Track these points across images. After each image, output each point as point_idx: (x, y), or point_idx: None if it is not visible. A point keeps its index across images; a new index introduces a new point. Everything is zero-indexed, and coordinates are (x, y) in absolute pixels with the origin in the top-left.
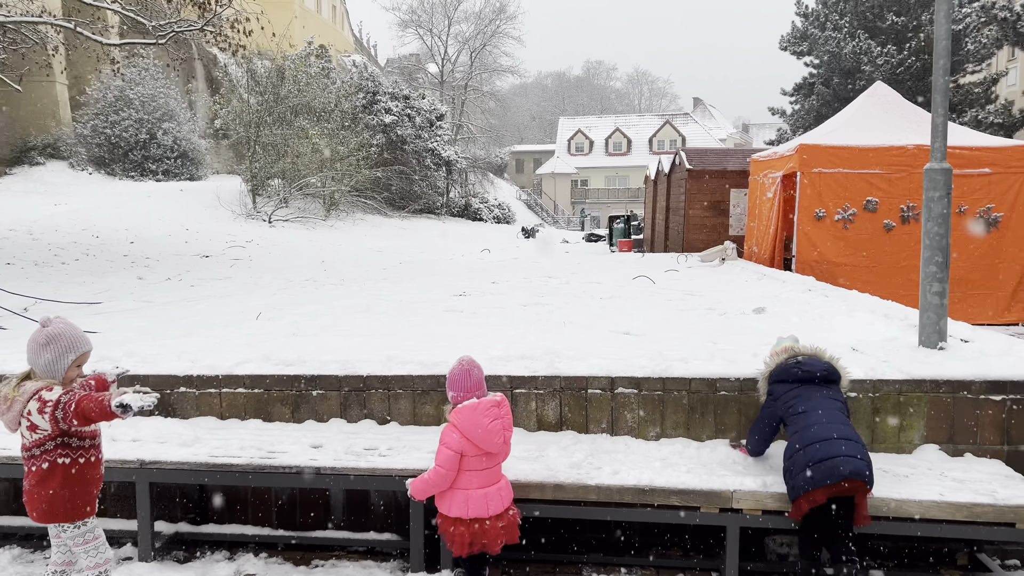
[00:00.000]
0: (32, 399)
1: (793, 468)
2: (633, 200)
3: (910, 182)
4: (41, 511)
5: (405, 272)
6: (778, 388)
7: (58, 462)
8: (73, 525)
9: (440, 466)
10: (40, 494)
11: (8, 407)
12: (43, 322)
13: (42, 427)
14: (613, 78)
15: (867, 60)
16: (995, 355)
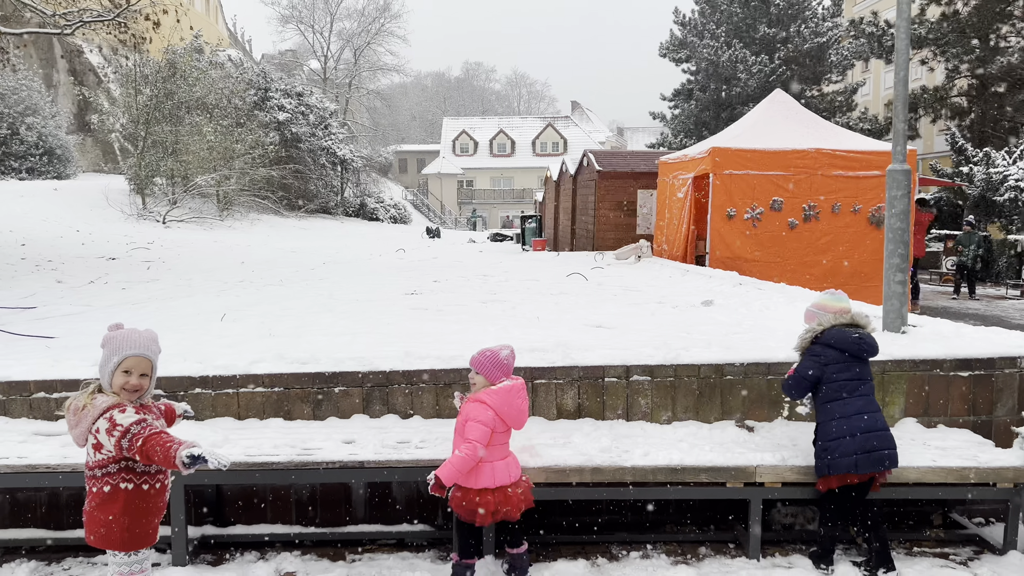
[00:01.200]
0: (102, 417)
1: (837, 450)
2: (519, 201)
3: (811, 183)
4: (98, 536)
5: (336, 272)
6: (830, 353)
7: (120, 487)
8: (124, 553)
9: (477, 440)
10: (99, 518)
11: (78, 420)
12: (111, 329)
13: (107, 448)
14: (492, 80)
15: (743, 68)
16: (952, 337)
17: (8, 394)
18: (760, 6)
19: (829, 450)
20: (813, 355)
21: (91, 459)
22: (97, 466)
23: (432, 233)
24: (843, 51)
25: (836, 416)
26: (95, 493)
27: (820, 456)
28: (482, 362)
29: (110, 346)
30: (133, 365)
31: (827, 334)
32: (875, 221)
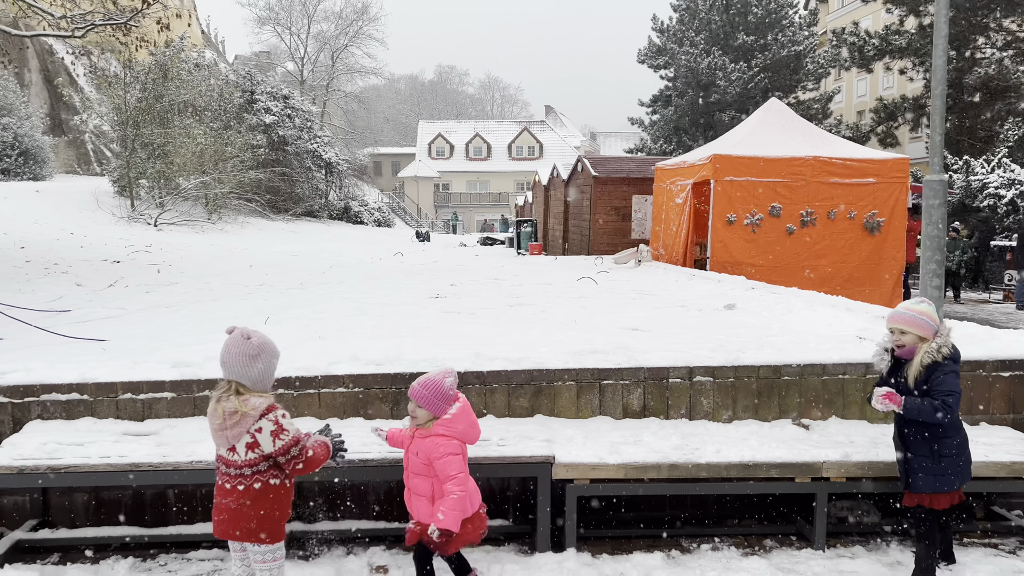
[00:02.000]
0: (265, 418)
1: (962, 461)
2: (495, 205)
3: (808, 190)
4: (247, 529)
5: (348, 276)
6: (955, 366)
7: (270, 483)
8: (271, 545)
9: (461, 473)
10: (251, 513)
11: (236, 422)
12: (243, 333)
13: (265, 449)
14: (466, 83)
15: (722, 75)
16: (987, 339)
17: (96, 395)
18: (739, 15)
19: (953, 463)
20: (957, 371)
21: (241, 458)
22: (247, 465)
23: (422, 237)
24: (819, 60)
25: (961, 429)
26: (244, 491)
27: (953, 472)
28: (426, 396)
29: (267, 352)
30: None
31: (954, 351)
32: (869, 227)
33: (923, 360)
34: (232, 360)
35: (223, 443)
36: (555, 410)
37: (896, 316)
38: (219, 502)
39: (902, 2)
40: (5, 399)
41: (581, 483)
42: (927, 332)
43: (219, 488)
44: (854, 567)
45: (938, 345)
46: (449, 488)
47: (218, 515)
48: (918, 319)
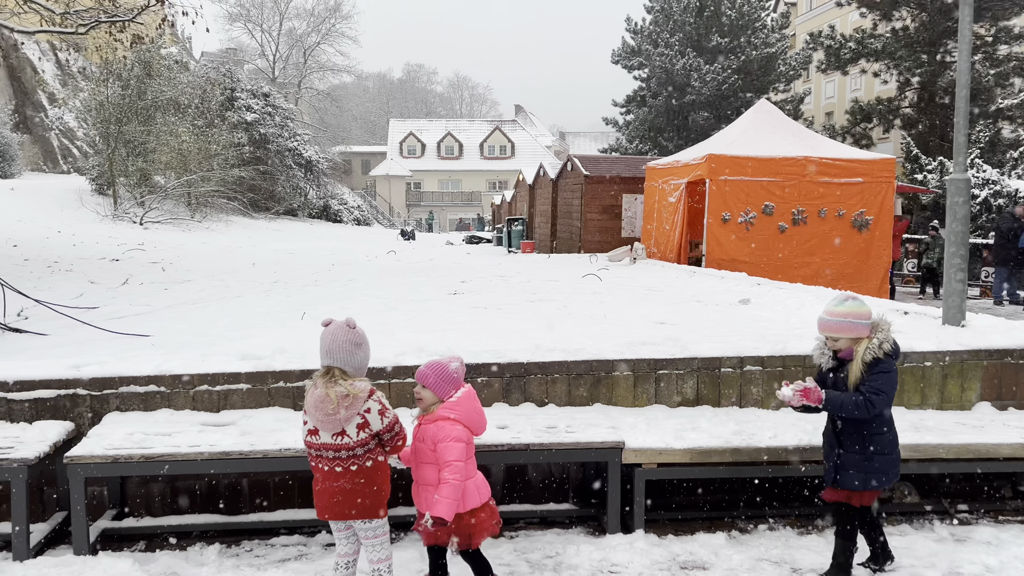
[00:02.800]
0: (371, 399)
1: (893, 458)
2: (467, 204)
3: (799, 189)
4: (361, 507)
5: (356, 273)
6: (893, 363)
7: (379, 460)
8: (381, 519)
9: (458, 460)
10: (365, 491)
11: (348, 404)
12: (348, 323)
13: (374, 428)
14: (434, 82)
15: (696, 76)
16: (1009, 329)
17: (172, 387)
18: (712, 17)
19: (886, 459)
20: (894, 369)
21: (353, 439)
22: (359, 444)
23: (407, 235)
24: (790, 62)
25: (892, 426)
26: (358, 470)
27: (883, 469)
28: (431, 377)
29: (367, 341)
30: None
31: (894, 347)
32: (858, 225)
33: (864, 357)
34: (338, 348)
35: (332, 427)
36: (613, 399)
37: (823, 324)
38: (329, 486)
39: (875, 6)
40: (85, 391)
41: (649, 467)
42: (859, 332)
43: (327, 473)
44: (906, 543)
45: (879, 341)
46: (446, 475)
47: (330, 498)
48: (844, 323)
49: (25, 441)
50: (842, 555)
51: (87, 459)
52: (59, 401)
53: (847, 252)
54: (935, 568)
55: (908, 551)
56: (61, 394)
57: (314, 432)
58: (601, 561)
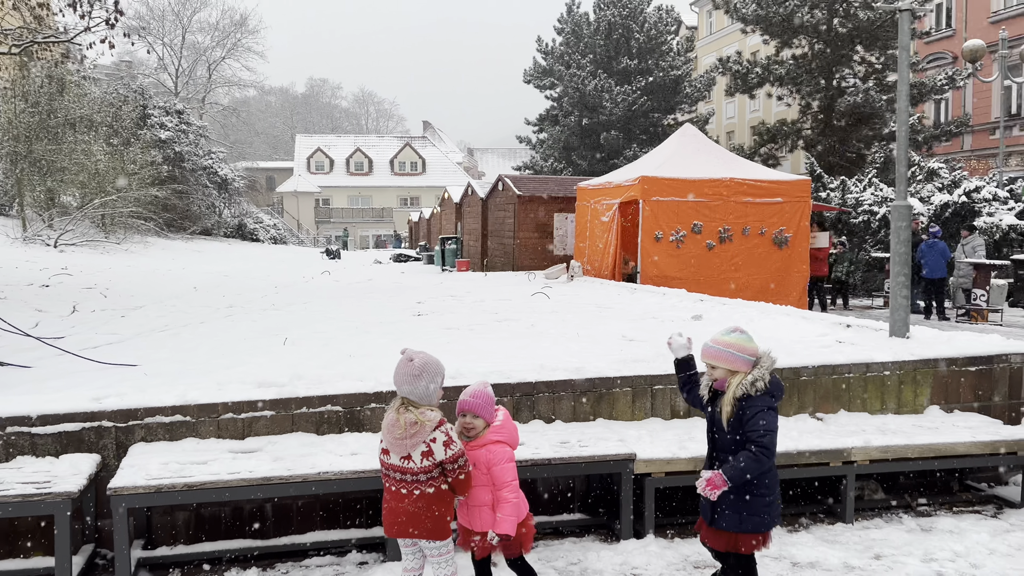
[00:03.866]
0: (438, 430)
1: (773, 502)
2: (378, 220)
3: (725, 209)
4: (425, 529)
5: (306, 296)
6: (770, 401)
7: (441, 488)
8: (445, 540)
9: (515, 480)
10: (431, 515)
11: (414, 432)
12: (408, 355)
13: (437, 457)
14: (339, 97)
15: (608, 97)
16: (949, 340)
17: (198, 416)
18: (621, 39)
19: (764, 501)
20: (774, 407)
21: (417, 465)
22: (423, 471)
23: (332, 255)
24: (696, 84)
25: (774, 468)
26: (420, 495)
27: (765, 510)
28: (480, 405)
29: (429, 372)
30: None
31: (771, 383)
32: (778, 242)
33: (735, 393)
34: (400, 379)
35: (400, 451)
36: (614, 414)
37: (704, 350)
38: (395, 506)
39: (776, 34)
40: (110, 423)
41: (658, 476)
42: (737, 365)
43: (394, 494)
44: (882, 535)
45: (753, 378)
46: (505, 495)
47: (395, 517)
48: (724, 352)
49: (59, 475)
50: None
51: (130, 490)
52: (83, 434)
53: (769, 267)
54: (912, 555)
55: (886, 542)
56: (86, 427)
57: (386, 452)
58: (622, 565)
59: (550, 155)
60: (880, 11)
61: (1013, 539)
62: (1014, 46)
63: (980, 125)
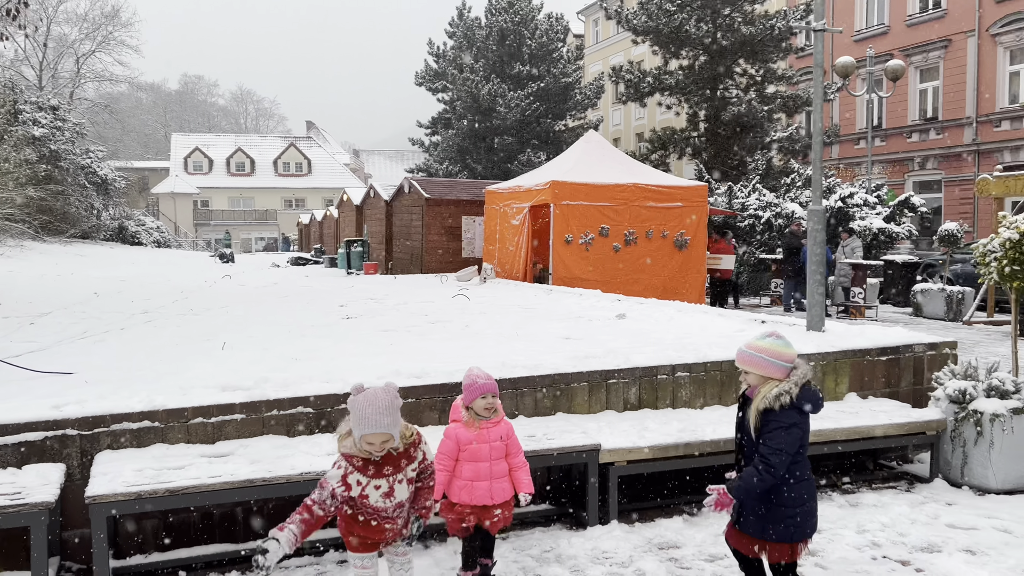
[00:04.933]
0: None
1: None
2: (261, 223)
3: (630, 213)
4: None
5: (222, 301)
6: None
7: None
8: None
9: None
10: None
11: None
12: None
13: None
14: (216, 95)
15: (502, 102)
16: (860, 333)
17: (167, 421)
18: (513, 45)
19: (809, 513)
20: (796, 423)
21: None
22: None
23: (226, 258)
24: (586, 91)
25: (806, 478)
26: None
27: (799, 522)
28: (496, 388)
29: (354, 417)
30: (373, 439)
31: (804, 393)
32: (679, 244)
33: (759, 405)
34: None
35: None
36: (572, 407)
37: (738, 354)
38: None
39: (664, 45)
40: (75, 432)
41: (620, 465)
42: (771, 372)
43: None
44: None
45: (779, 392)
46: (523, 459)
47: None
48: (758, 357)
49: (28, 485)
50: None
51: (110, 497)
52: (46, 443)
53: (671, 268)
54: (848, 528)
55: (823, 517)
56: (49, 436)
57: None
58: (593, 550)
59: (445, 158)
60: (760, 27)
61: (929, 509)
62: (879, 62)
63: (847, 135)
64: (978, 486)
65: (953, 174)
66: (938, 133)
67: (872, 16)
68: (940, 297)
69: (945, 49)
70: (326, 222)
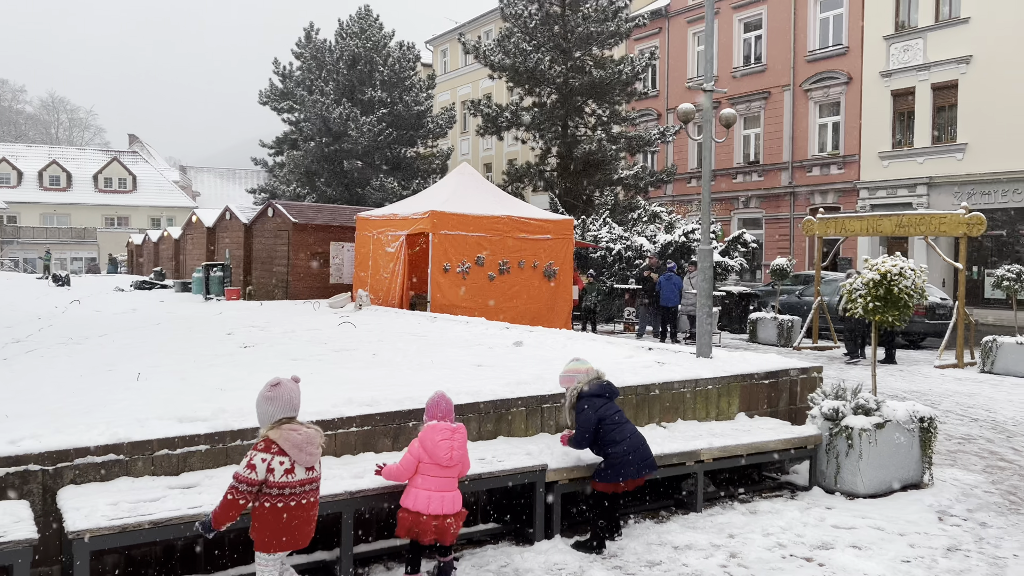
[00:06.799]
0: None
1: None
2: (79, 242)
3: (504, 244)
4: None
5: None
6: (596, 400)
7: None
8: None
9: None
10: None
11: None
12: (270, 382)
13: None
14: (22, 101)
15: (354, 126)
16: (741, 359)
17: (131, 454)
18: (365, 71)
19: (620, 464)
20: (585, 407)
21: (318, 473)
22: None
23: (61, 281)
24: (438, 120)
25: (618, 440)
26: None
27: (611, 469)
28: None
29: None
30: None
31: (590, 387)
32: (548, 275)
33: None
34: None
35: (311, 462)
36: (511, 431)
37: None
38: (309, 515)
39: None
40: (37, 467)
41: (563, 483)
42: (569, 383)
43: (306, 506)
44: (726, 519)
45: (571, 389)
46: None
47: (309, 526)
48: (567, 376)
49: (2, 525)
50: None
51: (93, 532)
52: (8, 479)
53: (541, 296)
54: (755, 532)
55: (731, 524)
56: (10, 472)
57: (291, 471)
58: (546, 563)
59: (292, 179)
60: (609, 71)
61: (815, 513)
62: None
63: (681, 175)
64: (848, 491)
65: (773, 213)
66: (760, 176)
67: (702, 66)
68: (773, 325)
69: (765, 100)
70: (163, 243)
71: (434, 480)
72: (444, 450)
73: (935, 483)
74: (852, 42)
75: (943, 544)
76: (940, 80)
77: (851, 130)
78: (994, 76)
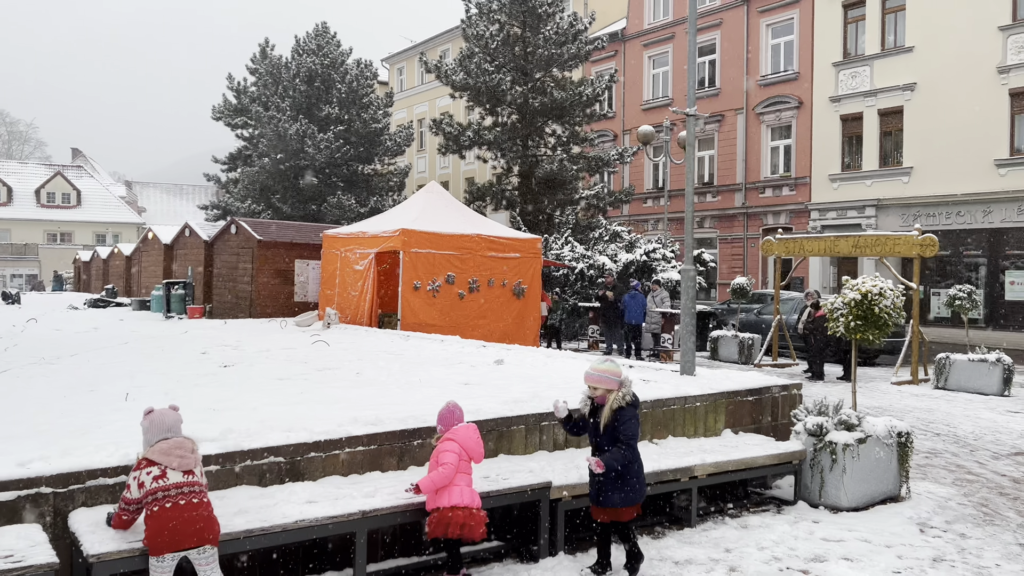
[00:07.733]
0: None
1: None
2: (19, 258)
3: (474, 262)
4: (215, 534)
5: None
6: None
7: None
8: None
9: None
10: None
11: (194, 449)
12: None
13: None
14: None
15: (311, 143)
16: (725, 377)
17: None
18: (322, 88)
19: (639, 484)
20: (633, 417)
21: (198, 477)
22: (201, 482)
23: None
24: (396, 138)
25: (639, 459)
26: (208, 503)
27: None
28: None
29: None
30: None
31: (632, 398)
32: (516, 293)
33: (612, 405)
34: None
35: (188, 466)
36: (511, 449)
37: (588, 376)
38: (192, 515)
39: (482, 103)
40: (48, 489)
41: (567, 500)
42: (612, 385)
43: (184, 506)
44: (720, 533)
45: (623, 394)
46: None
47: (195, 524)
48: (603, 376)
49: (18, 548)
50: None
51: (115, 555)
52: (18, 503)
53: (510, 314)
54: (749, 546)
55: (725, 539)
56: (22, 495)
57: (163, 475)
58: None
59: (247, 196)
60: (569, 92)
61: (803, 527)
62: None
63: (637, 195)
64: (832, 505)
65: (726, 232)
66: (714, 196)
67: (658, 89)
68: (734, 343)
69: (719, 123)
70: (113, 260)
71: (460, 475)
72: (480, 445)
73: (912, 496)
74: (803, 68)
75: (928, 555)
76: (886, 106)
77: (802, 153)
78: (937, 103)
